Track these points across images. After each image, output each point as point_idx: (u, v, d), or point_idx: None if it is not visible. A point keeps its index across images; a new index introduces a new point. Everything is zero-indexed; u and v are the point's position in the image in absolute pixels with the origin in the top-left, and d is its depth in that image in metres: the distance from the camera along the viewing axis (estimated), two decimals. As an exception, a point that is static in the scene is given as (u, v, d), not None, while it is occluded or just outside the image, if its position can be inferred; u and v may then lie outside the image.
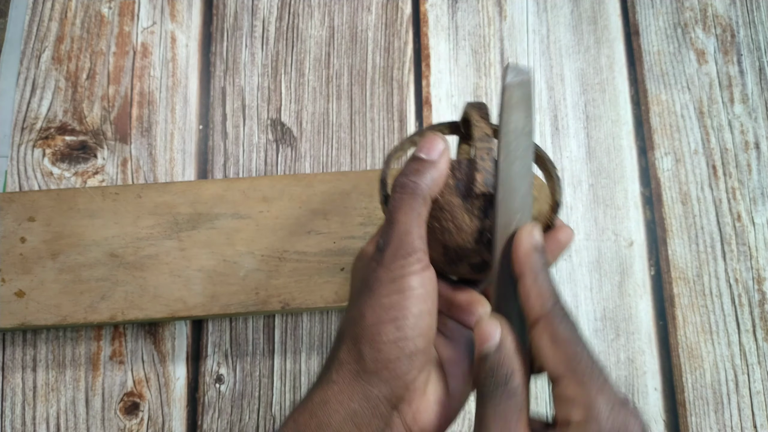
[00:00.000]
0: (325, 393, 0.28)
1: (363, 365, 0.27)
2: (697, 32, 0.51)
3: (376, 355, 0.27)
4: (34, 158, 0.47)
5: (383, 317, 0.27)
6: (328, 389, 0.28)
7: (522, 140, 0.28)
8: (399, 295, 0.27)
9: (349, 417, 0.27)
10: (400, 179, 0.29)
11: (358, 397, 0.27)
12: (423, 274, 0.28)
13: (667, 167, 0.48)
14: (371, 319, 0.27)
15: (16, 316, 0.41)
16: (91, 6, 0.50)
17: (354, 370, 0.28)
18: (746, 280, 0.46)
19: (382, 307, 0.27)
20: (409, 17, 0.51)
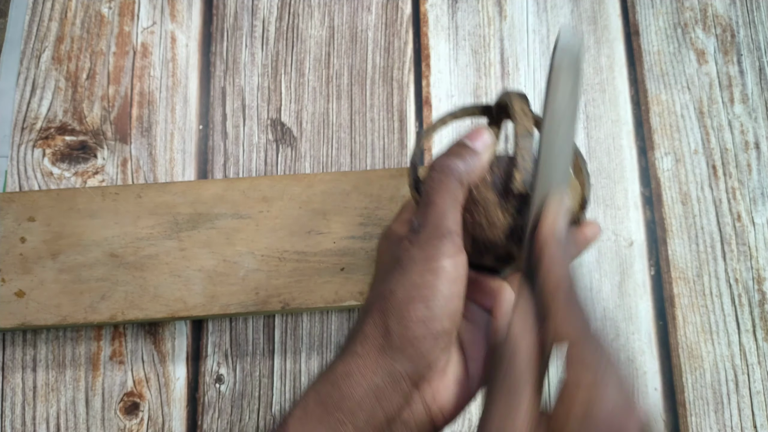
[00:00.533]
0: (348, 365, 0.28)
1: (389, 340, 0.28)
2: (697, 32, 0.51)
3: (403, 331, 0.27)
4: (34, 158, 0.47)
5: (414, 295, 0.28)
6: (352, 362, 0.28)
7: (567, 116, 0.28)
8: (432, 275, 0.28)
9: (372, 391, 0.28)
10: (441, 161, 0.29)
11: (382, 371, 0.28)
12: (456, 257, 0.28)
13: (667, 167, 0.49)
14: (402, 295, 0.28)
15: (16, 316, 0.41)
16: (91, 6, 0.50)
17: (379, 344, 0.28)
18: (746, 280, 0.46)
19: (413, 285, 0.28)
20: (409, 17, 0.51)
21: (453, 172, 0.29)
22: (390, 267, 0.30)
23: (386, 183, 0.44)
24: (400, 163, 0.48)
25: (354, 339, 0.29)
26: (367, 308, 0.30)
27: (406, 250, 0.29)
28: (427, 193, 0.29)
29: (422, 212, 0.29)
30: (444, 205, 0.28)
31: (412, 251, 0.28)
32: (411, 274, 0.28)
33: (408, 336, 0.28)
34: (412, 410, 0.29)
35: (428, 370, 0.28)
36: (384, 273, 0.30)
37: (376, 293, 0.30)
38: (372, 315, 0.29)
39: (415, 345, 0.28)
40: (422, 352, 0.28)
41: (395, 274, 0.29)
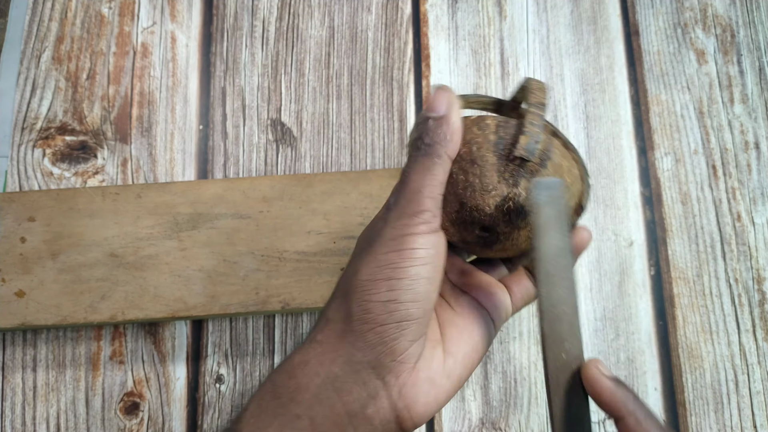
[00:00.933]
0: (306, 353, 0.26)
1: (350, 325, 0.26)
2: (697, 32, 0.51)
3: (365, 315, 0.25)
4: (34, 158, 0.47)
5: (377, 274, 0.26)
6: (311, 349, 0.26)
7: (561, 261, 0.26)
8: (396, 253, 0.26)
9: (330, 381, 0.25)
10: (413, 139, 0.27)
11: (341, 360, 0.26)
12: (429, 236, 0.26)
13: (667, 167, 0.49)
14: (365, 275, 0.26)
15: (16, 316, 0.41)
16: (91, 6, 0.50)
17: (340, 329, 0.26)
18: (746, 280, 0.46)
19: (377, 263, 0.26)
20: (409, 17, 0.51)
21: (426, 149, 0.27)
22: (361, 248, 0.28)
23: (386, 183, 0.44)
24: (400, 163, 0.48)
25: (316, 325, 0.27)
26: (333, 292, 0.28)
27: (378, 230, 0.27)
28: (403, 171, 0.27)
29: (396, 190, 0.27)
30: (418, 181, 0.26)
31: (383, 229, 0.26)
32: (376, 252, 0.26)
33: (369, 320, 0.25)
34: (377, 406, 0.26)
35: (393, 362, 0.26)
36: (356, 255, 0.28)
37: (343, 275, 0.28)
38: (335, 298, 0.27)
39: (377, 331, 0.25)
40: (385, 340, 0.25)
41: (362, 255, 0.27)
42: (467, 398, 0.44)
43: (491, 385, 0.44)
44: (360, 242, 0.29)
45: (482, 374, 0.45)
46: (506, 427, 0.44)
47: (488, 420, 0.44)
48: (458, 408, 0.44)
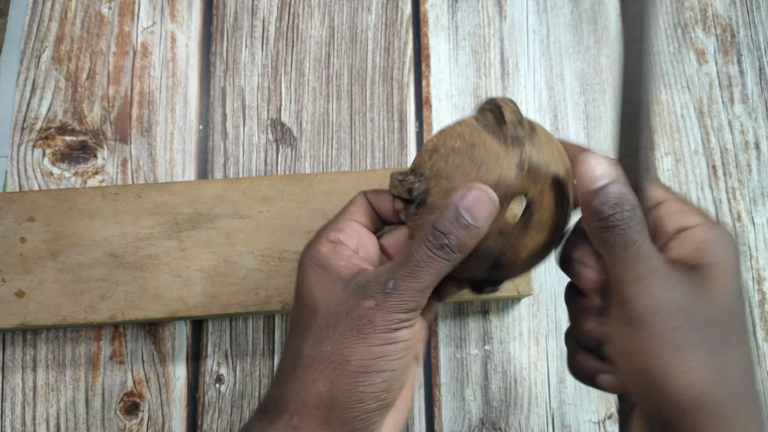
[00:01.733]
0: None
1: (334, 413, 0.25)
2: (697, 32, 0.51)
3: (356, 405, 0.25)
4: (34, 158, 0.47)
5: (371, 366, 0.25)
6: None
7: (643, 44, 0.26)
8: (392, 346, 0.25)
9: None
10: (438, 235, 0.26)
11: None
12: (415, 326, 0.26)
13: (667, 167, 0.48)
14: (357, 365, 0.25)
15: (16, 316, 0.41)
16: (91, 6, 0.50)
17: (323, 417, 0.25)
18: (746, 280, 0.46)
19: (371, 355, 0.25)
20: (409, 17, 0.51)
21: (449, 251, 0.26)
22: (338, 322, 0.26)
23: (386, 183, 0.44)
24: (400, 163, 0.48)
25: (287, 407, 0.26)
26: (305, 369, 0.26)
27: (368, 312, 0.25)
28: (416, 262, 0.26)
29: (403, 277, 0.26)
30: (428, 281, 0.26)
31: (376, 316, 0.25)
32: (370, 342, 0.25)
33: (359, 409, 0.25)
34: None
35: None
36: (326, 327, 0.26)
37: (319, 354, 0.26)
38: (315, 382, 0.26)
39: (364, 418, 0.25)
40: (368, 425, 0.26)
41: (348, 337, 0.25)
42: (467, 398, 0.44)
43: (491, 385, 0.44)
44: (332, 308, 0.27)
45: (482, 374, 0.45)
46: (506, 427, 0.44)
47: (488, 420, 0.44)
48: (458, 408, 0.44)
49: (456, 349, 0.45)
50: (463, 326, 0.45)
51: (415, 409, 0.44)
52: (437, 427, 0.44)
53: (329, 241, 0.28)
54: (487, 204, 0.26)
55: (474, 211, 0.26)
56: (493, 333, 0.45)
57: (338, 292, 0.27)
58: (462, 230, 0.26)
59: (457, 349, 0.45)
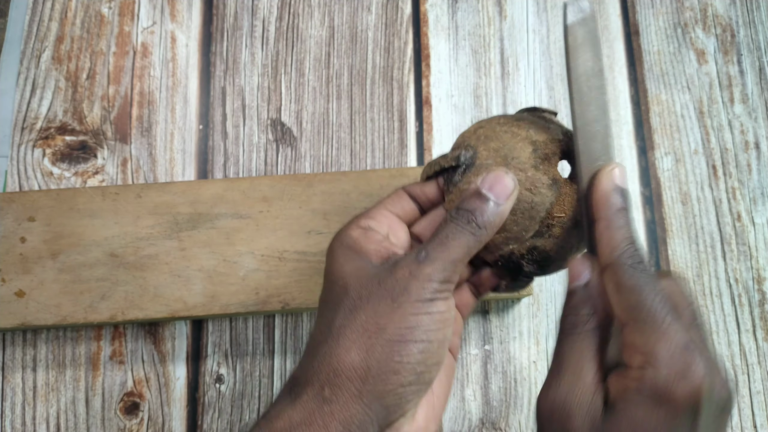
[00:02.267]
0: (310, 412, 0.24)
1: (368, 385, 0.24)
2: (697, 32, 0.51)
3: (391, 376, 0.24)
4: (34, 158, 0.47)
5: (408, 336, 0.25)
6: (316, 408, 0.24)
7: (593, 81, 0.27)
8: (428, 316, 0.25)
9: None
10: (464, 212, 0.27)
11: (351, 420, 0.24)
12: (450, 300, 0.26)
13: (667, 167, 0.49)
14: (393, 334, 0.24)
15: (16, 316, 0.41)
16: (91, 6, 0.50)
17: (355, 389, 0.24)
18: (746, 280, 0.46)
19: (407, 324, 0.25)
20: (409, 17, 0.51)
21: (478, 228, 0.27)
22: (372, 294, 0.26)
23: (386, 183, 0.44)
24: (400, 163, 0.48)
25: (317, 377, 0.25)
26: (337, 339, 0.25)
27: (402, 281, 0.25)
28: (446, 234, 0.26)
29: (435, 247, 0.26)
30: (460, 254, 0.26)
31: (410, 284, 0.25)
32: (404, 311, 0.25)
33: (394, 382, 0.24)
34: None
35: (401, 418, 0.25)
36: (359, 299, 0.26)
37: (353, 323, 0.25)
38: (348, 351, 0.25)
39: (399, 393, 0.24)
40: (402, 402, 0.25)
41: (383, 306, 0.25)
42: (467, 398, 0.44)
43: (491, 385, 0.44)
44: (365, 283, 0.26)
45: (482, 374, 0.45)
46: (506, 427, 0.44)
47: (488, 420, 0.44)
48: (458, 408, 0.44)
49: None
50: (463, 326, 0.45)
51: (415, 409, 0.44)
52: (437, 427, 0.44)
53: (359, 227, 0.29)
54: (507, 183, 0.27)
55: (495, 189, 0.27)
56: (493, 333, 0.45)
57: (370, 269, 0.27)
58: (485, 206, 0.27)
59: (457, 349, 0.45)
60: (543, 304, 0.46)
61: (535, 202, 0.28)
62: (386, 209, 0.30)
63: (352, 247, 0.28)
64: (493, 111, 0.49)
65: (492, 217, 0.27)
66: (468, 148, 0.30)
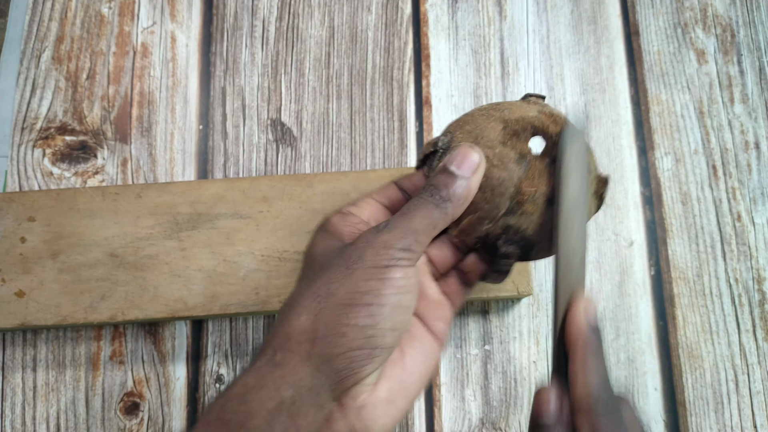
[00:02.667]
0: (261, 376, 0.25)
1: (316, 347, 0.24)
2: (697, 32, 0.51)
3: (337, 339, 0.24)
4: (34, 158, 0.47)
5: (357, 300, 0.25)
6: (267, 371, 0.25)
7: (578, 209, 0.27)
8: (379, 281, 0.25)
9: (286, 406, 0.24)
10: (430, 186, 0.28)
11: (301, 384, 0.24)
12: (408, 269, 0.26)
13: (667, 167, 0.49)
14: (342, 298, 0.25)
15: (16, 316, 0.41)
16: (91, 6, 0.50)
17: (304, 351, 0.24)
18: (746, 280, 0.46)
19: (357, 289, 0.25)
20: (409, 17, 0.51)
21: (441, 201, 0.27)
22: (330, 263, 0.26)
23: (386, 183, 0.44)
24: (400, 163, 0.48)
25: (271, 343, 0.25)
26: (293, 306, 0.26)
27: (357, 249, 0.26)
28: (408, 207, 0.27)
29: (395, 219, 0.27)
30: (420, 224, 0.27)
31: (366, 252, 0.26)
32: (356, 277, 0.25)
33: (341, 344, 0.24)
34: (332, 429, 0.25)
35: (354, 384, 0.25)
36: (320, 269, 0.27)
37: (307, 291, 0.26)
38: (299, 316, 0.25)
39: (348, 356, 0.24)
40: (354, 366, 0.25)
41: (336, 272, 0.26)
42: (467, 398, 0.44)
43: (491, 385, 0.44)
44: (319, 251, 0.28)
45: (482, 374, 0.45)
46: (506, 427, 0.44)
47: (488, 420, 0.44)
48: (458, 408, 0.44)
49: (456, 349, 0.45)
50: (463, 326, 0.45)
51: (414, 409, 0.44)
52: (437, 427, 0.44)
53: (340, 213, 0.30)
54: (472, 157, 0.28)
55: (459, 162, 0.28)
56: (493, 333, 0.45)
57: (337, 245, 0.28)
58: (450, 179, 0.27)
59: (457, 349, 0.45)
60: (543, 304, 0.46)
61: (503, 177, 0.28)
62: (371, 198, 0.31)
63: (329, 230, 0.29)
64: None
65: (457, 190, 0.27)
66: (447, 134, 0.30)
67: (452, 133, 0.30)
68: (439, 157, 0.30)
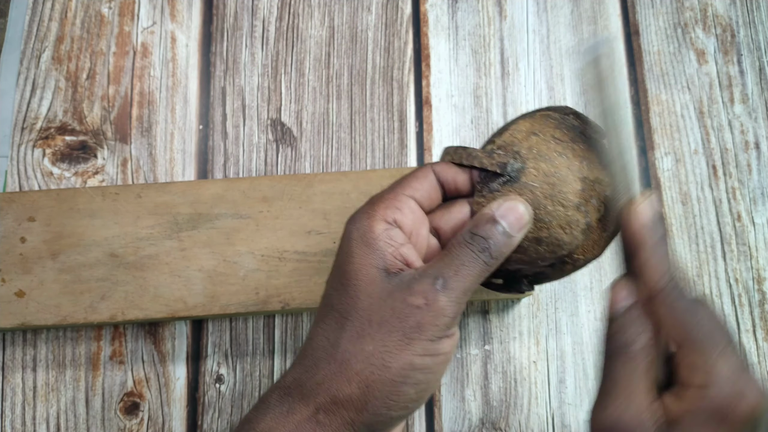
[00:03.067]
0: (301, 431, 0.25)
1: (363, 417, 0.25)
2: (697, 32, 0.51)
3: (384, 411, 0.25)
4: (34, 158, 0.47)
5: (409, 377, 0.25)
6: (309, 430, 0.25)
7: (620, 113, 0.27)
8: (433, 358, 0.25)
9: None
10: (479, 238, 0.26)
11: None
12: (455, 338, 0.26)
13: (667, 167, 0.49)
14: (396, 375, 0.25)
15: (16, 316, 0.41)
16: (91, 6, 0.50)
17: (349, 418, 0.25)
18: (746, 280, 0.46)
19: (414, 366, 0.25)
20: (409, 17, 0.51)
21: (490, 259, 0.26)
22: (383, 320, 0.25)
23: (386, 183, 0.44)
24: (400, 163, 0.48)
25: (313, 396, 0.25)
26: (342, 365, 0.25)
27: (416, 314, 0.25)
28: (462, 261, 0.26)
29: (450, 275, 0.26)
30: (471, 283, 0.26)
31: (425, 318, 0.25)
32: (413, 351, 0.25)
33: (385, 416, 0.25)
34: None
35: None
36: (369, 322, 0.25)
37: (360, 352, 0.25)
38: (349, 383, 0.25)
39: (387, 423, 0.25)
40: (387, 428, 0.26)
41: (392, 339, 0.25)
42: (467, 398, 0.44)
43: (491, 385, 0.44)
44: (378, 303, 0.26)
45: (482, 374, 0.45)
46: (506, 427, 0.44)
47: (488, 420, 0.44)
48: (458, 408, 0.44)
49: (456, 349, 0.45)
50: (463, 326, 0.45)
51: (415, 409, 0.44)
52: (437, 427, 0.44)
53: (385, 221, 0.27)
54: (522, 215, 0.27)
55: (509, 219, 0.27)
56: (493, 333, 0.45)
57: (382, 283, 0.26)
58: (499, 236, 0.26)
59: (457, 349, 0.45)
60: (543, 304, 0.46)
61: (563, 241, 0.28)
62: (413, 198, 0.29)
63: (370, 245, 0.27)
64: (492, 111, 0.49)
65: (504, 249, 0.27)
66: (517, 158, 0.28)
67: (523, 160, 0.28)
68: (503, 182, 0.28)
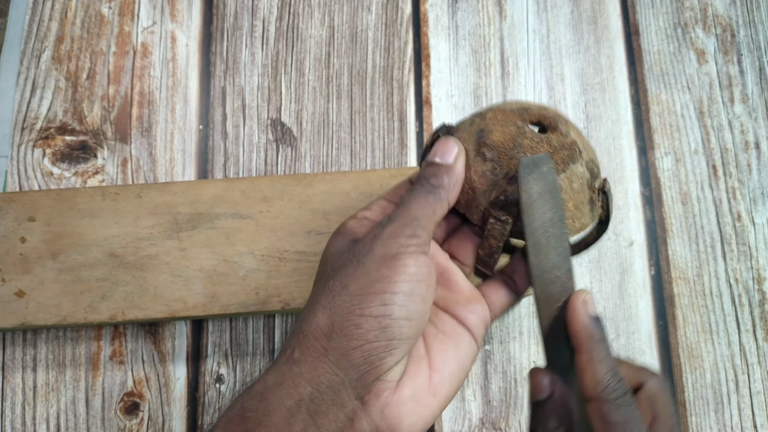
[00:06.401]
0: (282, 374, 0.24)
1: (333, 342, 0.24)
2: (697, 32, 0.51)
3: (354, 330, 0.24)
4: (34, 158, 0.47)
5: (368, 288, 0.25)
6: (287, 369, 0.24)
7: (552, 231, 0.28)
8: (390, 269, 0.25)
9: (304, 403, 0.24)
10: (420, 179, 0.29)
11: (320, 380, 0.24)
12: (419, 256, 0.26)
13: (667, 167, 0.49)
14: (355, 289, 0.25)
15: (16, 316, 0.41)
16: (91, 6, 0.50)
17: (321, 347, 0.24)
18: (746, 280, 0.46)
19: (369, 279, 0.25)
20: (409, 17, 0.51)
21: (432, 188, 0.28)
22: (345, 262, 0.27)
23: (386, 183, 0.44)
24: (400, 162, 0.48)
25: (290, 342, 0.25)
26: (310, 305, 0.26)
27: (366, 245, 0.26)
28: (404, 199, 0.28)
29: (394, 212, 0.27)
30: (419, 210, 0.27)
31: (374, 245, 0.26)
32: (367, 268, 0.25)
33: (357, 336, 0.24)
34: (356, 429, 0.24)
35: (375, 380, 0.24)
36: (333, 269, 0.27)
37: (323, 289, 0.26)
38: (314, 312, 0.25)
39: (365, 349, 0.24)
40: (372, 359, 0.24)
41: (349, 267, 0.26)
42: (467, 398, 0.44)
43: (491, 385, 0.44)
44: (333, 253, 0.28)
45: (482, 374, 0.45)
46: (506, 427, 0.44)
47: (488, 420, 0.44)
48: (458, 408, 0.44)
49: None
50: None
51: (415, 409, 0.44)
52: (437, 427, 0.44)
53: (355, 218, 0.30)
54: (452, 146, 0.29)
55: (440, 152, 0.29)
56: (493, 333, 0.45)
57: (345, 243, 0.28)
58: (435, 168, 0.29)
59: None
60: (543, 304, 0.46)
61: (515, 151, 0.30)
62: (384, 200, 0.31)
63: (343, 232, 0.29)
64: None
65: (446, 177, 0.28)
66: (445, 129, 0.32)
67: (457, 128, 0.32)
68: None
